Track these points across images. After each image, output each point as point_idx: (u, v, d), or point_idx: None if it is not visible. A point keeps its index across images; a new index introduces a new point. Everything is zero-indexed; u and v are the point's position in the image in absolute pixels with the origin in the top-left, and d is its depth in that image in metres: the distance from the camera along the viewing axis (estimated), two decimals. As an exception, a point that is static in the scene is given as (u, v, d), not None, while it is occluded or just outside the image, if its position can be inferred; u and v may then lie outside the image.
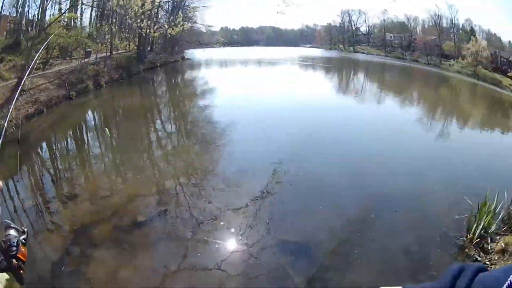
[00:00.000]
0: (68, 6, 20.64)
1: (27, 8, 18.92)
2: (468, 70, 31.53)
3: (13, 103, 5.14)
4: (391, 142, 11.09)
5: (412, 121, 14.60)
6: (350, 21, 44.72)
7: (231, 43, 43.36)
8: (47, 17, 19.52)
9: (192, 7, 29.18)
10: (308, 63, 36.56)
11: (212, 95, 18.21)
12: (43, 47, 5.88)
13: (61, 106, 13.79)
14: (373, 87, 25.82)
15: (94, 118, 13.93)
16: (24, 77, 8.11)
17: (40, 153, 9.53)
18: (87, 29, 23.01)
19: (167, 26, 26.15)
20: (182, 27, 26.40)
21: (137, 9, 22.64)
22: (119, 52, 24.11)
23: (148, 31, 24.39)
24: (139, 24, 23.75)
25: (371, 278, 4.65)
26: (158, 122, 13.43)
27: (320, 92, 20.60)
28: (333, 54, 43.93)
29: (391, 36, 41.21)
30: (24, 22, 18.89)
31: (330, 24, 46.82)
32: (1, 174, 6.82)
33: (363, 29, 44.62)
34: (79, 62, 18.17)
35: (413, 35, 39.08)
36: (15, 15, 18.66)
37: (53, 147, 10.39)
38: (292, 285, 4.56)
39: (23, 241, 1.53)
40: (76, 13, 21.85)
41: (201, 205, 6.42)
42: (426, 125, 14.76)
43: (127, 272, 4.65)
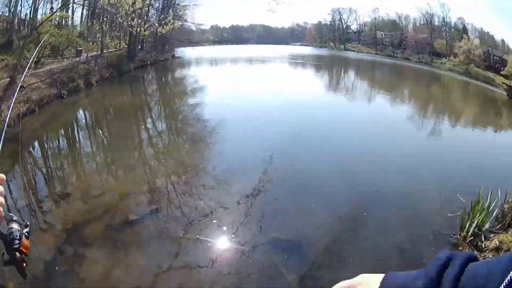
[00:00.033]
0: (59, 5, 20.44)
1: (19, 7, 18.81)
2: (460, 68, 31.70)
3: (12, 102, 5.09)
4: (382, 140, 11.07)
5: (403, 119, 14.68)
6: (340, 19, 44.85)
7: (221, 41, 43.38)
8: (39, 16, 19.39)
9: (183, 6, 29.23)
10: (298, 61, 36.59)
11: (202, 93, 18.14)
12: (39, 45, 5.83)
13: (52, 105, 13.66)
14: (364, 85, 25.92)
15: (85, 117, 13.82)
16: (23, 75, 8.01)
17: (33, 152, 9.42)
18: (78, 28, 22.81)
19: (157, 25, 25.98)
20: (173, 25, 26.33)
21: (127, 8, 22.48)
22: (110, 50, 23.90)
23: (139, 29, 24.22)
24: (129, 23, 23.59)
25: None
26: (149, 121, 13.36)
27: (311, 90, 20.53)
28: (323, 52, 43.88)
29: (382, 34, 41.32)
30: (16, 21, 18.70)
31: (320, 22, 46.88)
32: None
33: (354, 27, 44.80)
34: (70, 61, 18.00)
35: (404, 33, 39.22)
36: (7, 14, 18.50)
37: (45, 146, 10.31)
38: (284, 283, 4.57)
39: (26, 234, 1.53)
40: (68, 12, 21.66)
41: (193, 203, 6.41)
42: (418, 123, 14.80)
43: (120, 271, 4.64)
